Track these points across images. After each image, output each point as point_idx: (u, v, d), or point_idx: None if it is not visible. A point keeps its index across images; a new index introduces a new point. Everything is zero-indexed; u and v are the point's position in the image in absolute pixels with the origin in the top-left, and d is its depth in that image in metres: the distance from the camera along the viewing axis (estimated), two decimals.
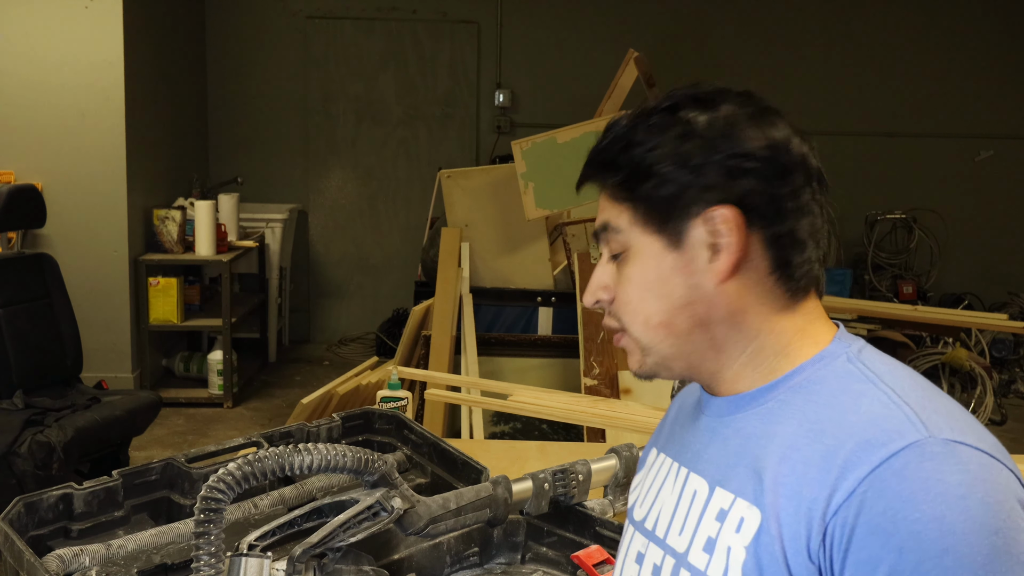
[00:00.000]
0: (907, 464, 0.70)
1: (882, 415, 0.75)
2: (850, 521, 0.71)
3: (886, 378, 0.79)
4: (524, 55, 6.13)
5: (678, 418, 0.98)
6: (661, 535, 0.89)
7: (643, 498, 0.97)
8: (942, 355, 4.61)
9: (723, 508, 0.81)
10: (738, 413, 0.86)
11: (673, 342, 0.86)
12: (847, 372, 0.81)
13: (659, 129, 0.84)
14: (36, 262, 3.54)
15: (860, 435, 0.74)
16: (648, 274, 0.85)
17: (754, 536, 0.77)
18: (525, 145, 3.35)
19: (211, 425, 4.56)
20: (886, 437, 0.72)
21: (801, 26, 6.15)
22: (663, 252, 0.84)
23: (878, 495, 0.70)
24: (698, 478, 0.87)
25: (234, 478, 0.96)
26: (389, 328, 5.75)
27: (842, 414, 0.77)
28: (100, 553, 1.20)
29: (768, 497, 0.77)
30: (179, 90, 5.47)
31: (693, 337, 0.85)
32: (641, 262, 0.85)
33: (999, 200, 6.35)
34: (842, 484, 0.72)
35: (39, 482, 2.90)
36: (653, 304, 0.85)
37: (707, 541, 0.82)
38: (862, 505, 0.70)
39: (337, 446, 1.04)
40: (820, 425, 0.78)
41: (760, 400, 0.84)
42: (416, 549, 1.37)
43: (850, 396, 0.79)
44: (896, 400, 0.76)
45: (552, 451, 2.18)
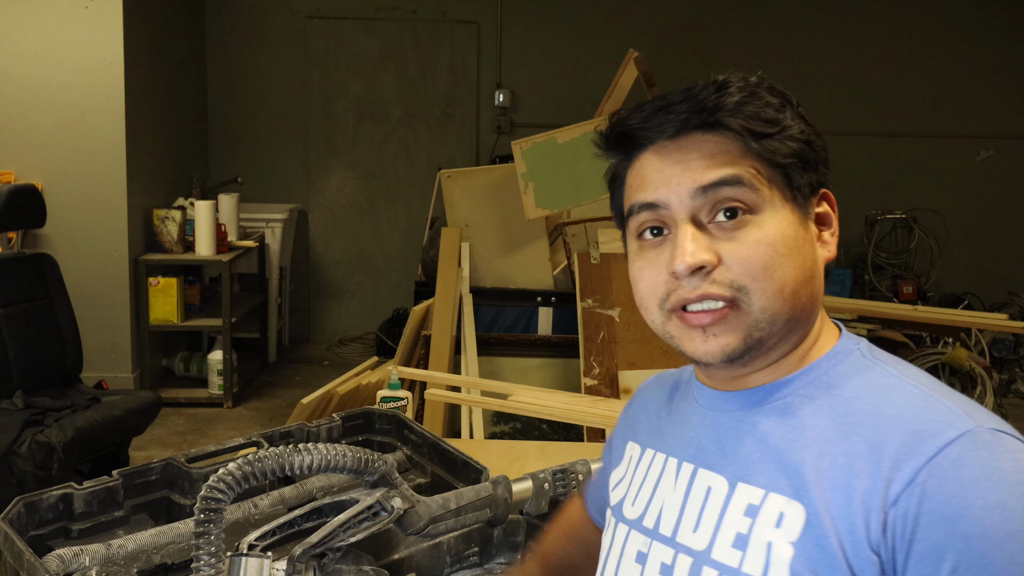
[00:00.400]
0: (964, 453, 0.72)
1: (923, 407, 0.76)
2: (912, 510, 0.71)
3: (906, 373, 0.81)
4: (524, 55, 6.13)
5: (659, 412, 0.97)
6: (668, 533, 0.88)
7: (634, 496, 0.95)
8: (942, 355, 4.61)
9: (752, 503, 0.80)
10: (753, 408, 0.85)
11: (789, 317, 0.82)
12: (865, 367, 0.83)
13: (776, 100, 0.85)
14: (36, 262, 3.54)
15: (906, 426, 0.75)
16: (788, 241, 0.81)
17: (801, 531, 0.76)
18: (525, 145, 3.35)
19: (211, 425, 4.56)
20: (935, 428, 0.74)
21: (801, 26, 6.15)
22: (797, 223, 0.83)
23: (938, 484, 0.71)
24: (711, 474, 0.85)
25: (234, 478, 0.96)
26: (389, 328, 5.75)
27: (876, 407, 0.78)
28: (100, 553, 1.20)
29: (813, 491, 0.76)
30: (179, 90, 5.47)
31: (802, 316, 0.83)
32: (781, 228, 0.81)
33: (999, 200, 6.36)
34: (897, 475, 0.72)
35: (39, 482, 2.90)
36: (790, 271, 0.81)
37: (736, 537, 0.80)
38: (924, 494, 0.71)
39: (337, 446, 1.04)
40: (853, 418, 0.78)
41: (776, 395, 0.84)
42: (416, 549, 1.37)
43: (878, 390, 0.80)
44: (927, 393, 0.78)
45: (552, 451, 2.18)
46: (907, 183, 6.24)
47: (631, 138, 0.87)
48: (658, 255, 0.85)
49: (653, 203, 0.84)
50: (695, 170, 0.82)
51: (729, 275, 0.80)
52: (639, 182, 0.86)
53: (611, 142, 0.90)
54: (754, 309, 0.81)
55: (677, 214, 0.83)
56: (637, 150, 0.87)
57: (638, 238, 0.87)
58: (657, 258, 0.85)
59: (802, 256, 0.82)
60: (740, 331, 0.81)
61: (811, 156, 0.84)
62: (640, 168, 0.86)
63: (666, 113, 0.83)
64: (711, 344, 0.82)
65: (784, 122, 0.83)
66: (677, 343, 0.85)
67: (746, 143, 0.82)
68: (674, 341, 0.85)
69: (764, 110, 0.82)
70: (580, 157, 3.31)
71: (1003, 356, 5.38)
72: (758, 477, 0.81)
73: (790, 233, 0.82)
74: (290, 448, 1.01)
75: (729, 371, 0.86)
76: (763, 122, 0.82)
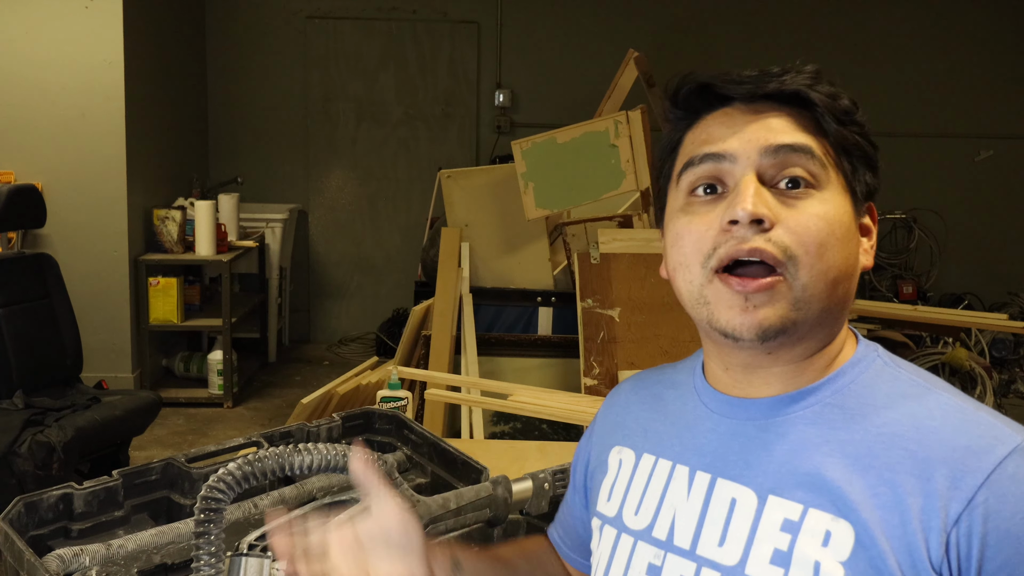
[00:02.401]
0: (1019, 467, 0.71)
1: (965, 420, 0.75)
2: (978, 529, 0.70)
3: (934, 384, 0.80)
4: (524, 55, 6.13)
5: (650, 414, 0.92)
6: (685, 546, 0.83)
7: (636, 504, 0.89)
8: (942, 355, 4.61)
9: (790, 519, 0.77)
10: (778, 417, 0.81)
11: (825, 306, 0.78)
12: (892, 376, 0.81)
13: (854, 108, 0.84)
14: (36, 262, 3.54)
15: (953, 442, 0.74)
16: (843, 227, 0.79)
17: (852, 552, 0.73)
18: (525, 145, 3.35)
19: (211, 425, 4.56)
20: (986, 443, 0.73)
21: (801, 26, 6.15)
22: (853, 216, 0.82)
23: (1001, 501, 0.70)
24: (734, 485, 0.81)
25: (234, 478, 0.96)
26: (389, 328, 5.74)
27: (915, 419, 0.76)
28: (100, 553, 1.20)
29: (863, 510, 0.74)
30: (179, 90, 5.47)
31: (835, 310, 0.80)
32: (839, 211, 0.79)
33: (999, 200, 6.36)
34: (956, 493, 0.71)
35: (39, 482, 2.90)
36: (839, 256, 0.78)
37: (774, 553, 0.77)
38: (987, 513, 0.70)
39: (337, 446, 1.04)
40: (891, 429, 0.76)
41: (803, 403, 0.81)
42: None
43: (912, 401, 0.78)
44: (965, 407, 0.77)
45: (552, 451, 2.18)
46: (907, 183, 6.24)
47: (703, 95, 0.84)
48: (709, 210, 0.80)
49: (719, 153, 0.80)
50: (770, 128, 0.80)
51: (784, 239, 0.76)
52: (704, 137, 0.83)
53: (680, 98, 0.86)
54: (796, 285, 0.76)
55: (742, 168, 0.79)
56: (704, 111, 0.84)
57: (689, 194, 0.83)
58: (708, 213, 0.80)
59: (850, 248, 0.80)
60: (781, 306, 0.77)
61: (873, 160, 0.84)
62: (706, 126, 0.83)
63: (741, 79, 0.82)
64: (749, 317, 0.77)
65: (858, 117, 0.83)
66: (711, 312, 0.79)
67: (823, 121, 0.81)
68: (708, 308, 0.80)
69: (842, 100, 0.83)
70: (580, 157, 3.31)
71: (1003, 356, 5.38)
72: (793, 491, 0.77)
73: (846, 221, 0.80)
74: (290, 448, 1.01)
75: (754, 356, 0.81)
76: (841, 109, 0.82)
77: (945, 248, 6.17)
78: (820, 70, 0.83)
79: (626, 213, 3.58)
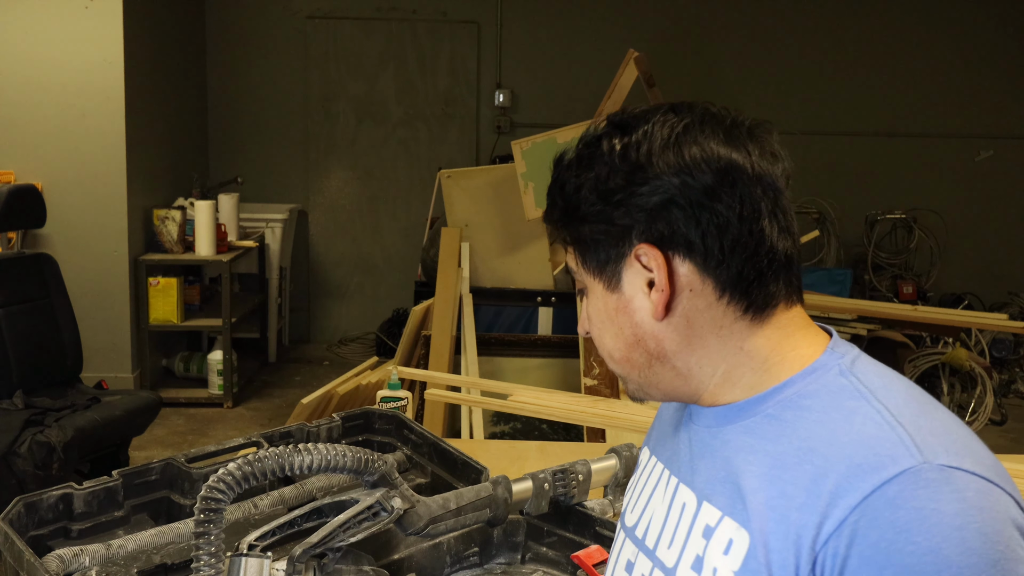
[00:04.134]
0: (900, 492, 0.67)
1: (874, 436, 0.71)
2: (841, 552, 0.68)
3: (879, 393, 0.76)
4: (524, 55, 6.13)
5: (670, 420, 0.95)
6: (651, 546, 0.87)
7: (635, 503, 0.94)
8: (942, 355, 4.61)
9: (709, 525, 0.79)
10: (725, 425, 0.82)
11: (639, 374, 0.86)
12: (839, 387, 0.77)
13: (585, 164, 0.82)
14: (36, 262, 3.54)
15: (851, 458, 0.71)
16: (600, 314, 0.86)
17: (743, 562, 0.74)
18: (525, 145, 3.35)
19: (211, 425, 4.56)
20: (878, 462, 0.69)
21: (801, 26, 6.15)
22: (606, 293, 0.84)
23: (870, 525, 0.67)
24: (687, 490, 0.84)
25: (234, 478, 0.96)
26: (389, 328, 5.74)
27: (833, 433, 0.73)
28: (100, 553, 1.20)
29: (756, 521, 0.74)
30: (179, 90, 5.47)
31: (655, 369, 0.84)
32: (594, 303, 0.86)
33: (999, 200, 6.36)
34: (832, 512, 0.69)
35: (39, 482, 2.90)
36: (610, 341, 0.86)
37: (695, 559, 0.79)
38: (854, 535, 0.68)
39: (337, 446, 1.04)
40: (809, 443, 0.74)
41: (747, 413, 0.81)
42: (416, 549, 1.37)
43: (842, 414, 0.75)
44: (889, 419, 0.72)
45: (552, 451, 2.18)
46: (907, 183, 6.24)
47: None
48: None
49: None
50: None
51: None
52: None
53: None
54: (612, 369, 0.89)
55: None
56: None
57: None
58: None
59: (617, 324, 0.84)
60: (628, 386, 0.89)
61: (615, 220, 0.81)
62: None
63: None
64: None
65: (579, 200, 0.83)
66: None
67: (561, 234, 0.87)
68: None
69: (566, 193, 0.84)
70: None
71: (1003, 356, 5.38)
72: (718, 497, 0.79)
73: (600, 306, 0.85)
74: (290, 448, 1.01)
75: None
76: (563, 212, 0.85)
77: (945, 248, 6.16)
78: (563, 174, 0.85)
79: None
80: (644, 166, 0.79)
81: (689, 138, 0.79)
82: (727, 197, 0.78)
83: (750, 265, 0.79)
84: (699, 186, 0.78)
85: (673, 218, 0.78)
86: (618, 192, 0.80)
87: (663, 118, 0.81)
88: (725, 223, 0.78)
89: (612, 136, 0.81)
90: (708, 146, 0.79)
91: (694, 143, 0.79)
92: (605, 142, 0.81)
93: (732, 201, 0.78)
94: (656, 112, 0.82)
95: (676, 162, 0.78)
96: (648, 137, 0.80)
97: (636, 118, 0.82)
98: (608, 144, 0.81)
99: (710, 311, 0.80)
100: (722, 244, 0.78)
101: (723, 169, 0.79)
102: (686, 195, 0.78)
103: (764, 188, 0.80)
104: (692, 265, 0.79)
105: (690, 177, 0.78)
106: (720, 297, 0.80)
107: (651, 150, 0.79)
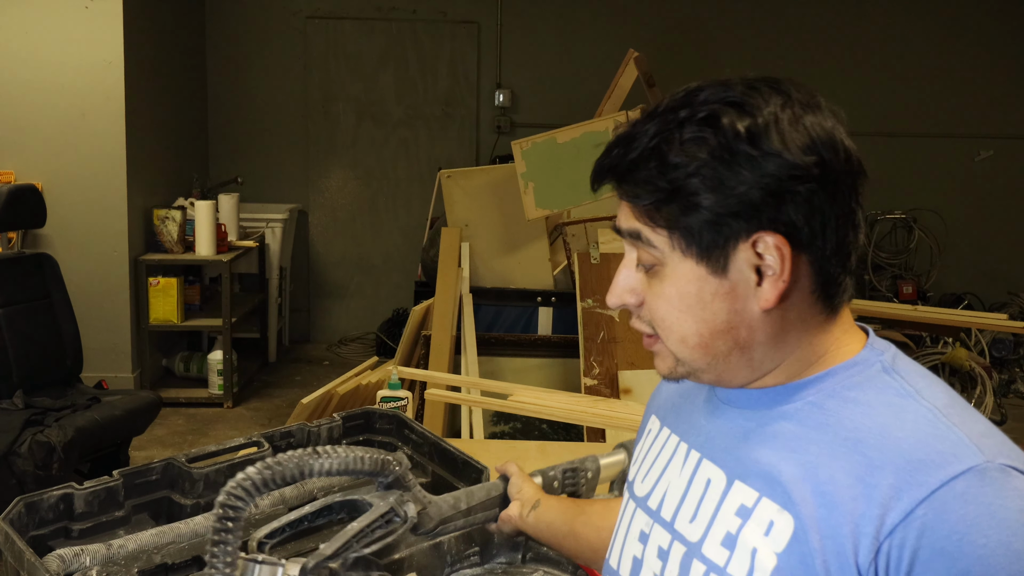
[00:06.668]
0: (968, 488, 0.70)
1: (932, 435, 0.74)
2: (911, 543, 0.70)
3: (925, 393, 0.78)
4: (524, 55, 6.13)
5: (687, 394, 0.95)
6: (668, 518, 0.88)
7: (645, 473, 0.94)
8: (942, 355, 4.61)
9: (745, 504, 0.80)
10: (763, 409, 0.83)
11: (710, 360, 0.82)
12: (884, 384, 0.79)
13: (696, 146, 0.76)
14: (36, 262, 3.54)
15: (911, 454, 0.73)
16: (688, 298, 0.80)
17: (787, 544, 0.75)
18: (525, 145, 3.35)
19: (211, 425, 4.56)
20: (942, 459, 0.72)
21: (801, 26, 6.15)
22: (705, 277, 0.79)
23: (940, 518, 0.70)
24: (713, 467, 0.85)
25: (253, 483, 0.94)
26: (389, 328, 5.75)
27: (884, 428, 0.75)
28: (100, 553, 1.20)
29: (805, 508, 0.75)
30: (179, 90, 5.47)
31: (731, 357, 0.82)
32: (680, 284, 0.80)
33: (999, 200, 6.36)
34: (896, 504, 0.71)
35: (39, 482, 2.91)
36: (692, 326, 0.81)
37: (726, 536, 0.80)
38: (924, 528, 0.70)
39: (355, 448, 1.03)
40: (857, 435, 0.76)
41: (786, 398, 0.82)
42: (416, 549, 1.37)
43: (891, 410, 0.77)
44: (942, 419, 0.75)
45: (552, 451, 2.18)
46: (907, 183, 6.23)
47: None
48: None
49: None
50: (621, 211, 0.84)
51: (647, 316, 0.84)
52: None
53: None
54: (671, 348, 0.84)
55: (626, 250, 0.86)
56: None
57: None
58: None
59: (711, 310, 0.80)
60: (666, 360, 0.85)
61: (736, 209, 0.76)
62: None
63: (603, 159, 0.83)
64: (660, 366, 0.87)
65: (683, 184, 0.77)
66: None
67: (651, 213, 0.80)
68: None
69: (659, 176, 0.77)
70: (580, 157, 3.31)
71: (1003, 356, 5.38)
72: (754, 479, 0.80)
73: (691, 290, 0.80)
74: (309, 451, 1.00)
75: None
76: (667, 196, 0.78)
77: (945, 248, 6.16)
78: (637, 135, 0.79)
79: None
80: (774, 151, 0.75)
81: (815, 117, 0.78)
82: (849, 186, 0.78)
83: (844, 262, 0.79)
84: (830, 176, 0.76)
85: (801, 209, 0.76)
86: (741, 179, 0.75)
87: (781, 97, 0.78)
88: (847, 218, 0.78)
89: (730, 117, 0.76)
90: (831, 125, 0.78)
91: (819, 125, 0.77)
92: (723, 124, 0.76)
93: (849, 191, 0.78)
94: (767, 92, 0.78)
95: (809, 144, 0.76)
96: (776, 120, 0.76)
97: (752, 97, 0.77)
98: (726, 127, 0.76)
99: (802, 305, 0.80)
100: (841, 239, 0.78)
101: (848, 154, 0.78)
102: (819, 185, 0.76)
103: (862, 174, 0.79)
104: (806, 259, 0.78)
105: (824, 163, 0.76)
106: (813, 292, 0.80)
107: (780, 132, 0.76)
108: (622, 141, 0.81)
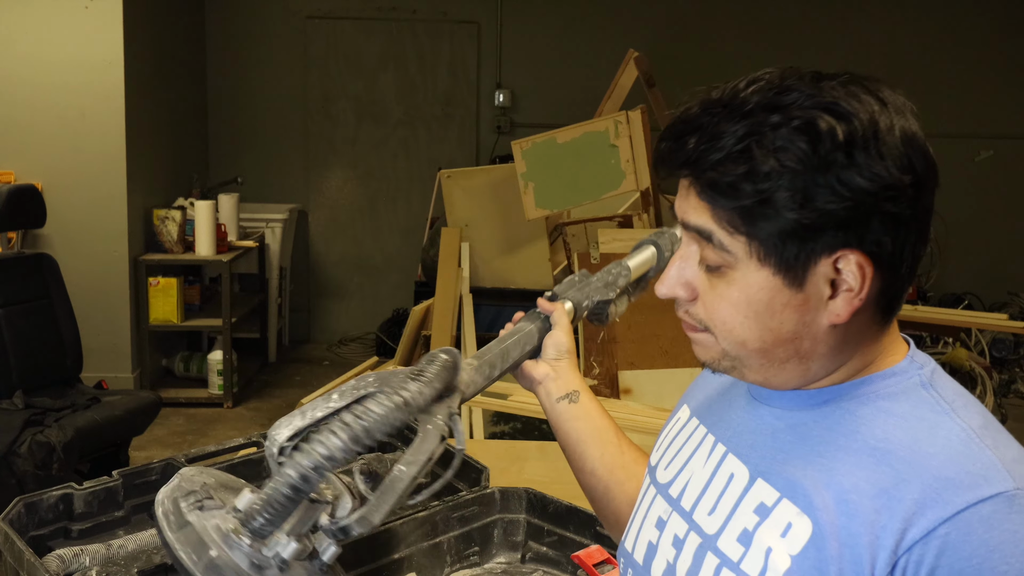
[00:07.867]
0: (995, 513, 0.69)
1: (963, 454, 0.73)
2: (928, 561, 0.69)
3: (960, 412, 0.76)
4: (524, 55, 6.13)
5: (718, 386, 0.94)
6: (687, 507, 0.87)
7: (670, 460, 0.93)
8: (942, 355, 4.61)
9: (764, 503, 0.79)
10: (796, 409, 0.82)
11: (763, 363, 0.80)
12: (920, 398, 0.78)
13: (789, 155, 0.71)
14: (36, 262, 3.54)
15: (938, 470, 0.72)
16: (757, 305, 0.77)
17: (803, 548, 0.74)
18: (525, 145, 3.35)
19: (211, 425, 4.56)
20: (971, 480, 0.71)
21: (801, 26, 6.15)
22: (780, 288, 0.76)
23: (963, 540, 0.69)
24: (737, 462, 0.84)
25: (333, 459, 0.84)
26: (389, 328, 5.75)
27: (915, 441, 0.74)
28: (100, 553, 1.20)
29: (826, 514, 0.74)
30: (179, 90, 5.47)
31: (788, 365, 0.80)
32: (751, 291, 0.77)
33: (999, 200, 6.36)
34: (918, 520, 0.70)
35: (39, 482, 2.90)
36: (754, 331, 0.78)
37: (742, 532, 0.80)
38: (944, 547, 0.69)
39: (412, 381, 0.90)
40: (887, 446, 0.75)
41: (823, 402, 0.81)
42: (416, 549, 1.37)
43: (924, 425, 0.76)
44: (975, 440, 0.74)
45: (552, 451, 2.18)
46: None
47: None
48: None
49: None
50: (686, 202, 0.79)
51: (700, 314, 0.81)
52: None
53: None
54: (726, 351, 0.81)
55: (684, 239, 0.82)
56: None
57: None
58: None
59: (779, 319, 0.77)
60: (711, 351, 0.83)
61: (824, 224, 0.72)
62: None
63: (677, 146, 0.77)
64: (702, 354, 0.84)
65: (773, 195, 0.72)
66: None
67: (729, 218, 0.75)
68: None
69: (747, 182, 0.73)
70: (580, 157, 3.31)
71: (1003, 356, 5.38)
72: (777, 478, 0.79)
73: (762, 298, 0.76)
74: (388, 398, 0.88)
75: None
76: (753, 204, 0.73)
77: (945, 248, 6.16)
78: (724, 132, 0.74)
79: (626, 213, 3.58)
80: (868, 167, 0.71)
81: (904, 126, 0.74)
82: (929, 202, 0.76)
83: (913, 276, 0.78)
84: (918, 193, 0.74)
85: (886, 226, 0.73)
86: (833, 194, 0.71)
87: (878, 102, 0.74)
88: (921, 230, 0.76)
89: (828, 124, 0.71)
90: (920, 138, 0.75)
91: (910, 134, 0.74)
92: (819, 133, 0.71)
93: (931, 205, 0.76)
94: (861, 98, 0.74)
95: (900, 162, 0.72)
96: (874, 129, 0.72)
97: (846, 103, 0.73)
98: (828, 134, 0.71)
99: (865, 317, 0.78)
100: (910, 255, 0.75)
101: (933, 168, 0.75)
102: (908, 203, 0.73)
103: (937, 184, 0.77)
104: (880, 277, 0.75)
105: (916, 178, 0.73)
106: (876, 303, 0.78)
107: (879, 146, 0.72)
108: (704, 135, 0.75)
